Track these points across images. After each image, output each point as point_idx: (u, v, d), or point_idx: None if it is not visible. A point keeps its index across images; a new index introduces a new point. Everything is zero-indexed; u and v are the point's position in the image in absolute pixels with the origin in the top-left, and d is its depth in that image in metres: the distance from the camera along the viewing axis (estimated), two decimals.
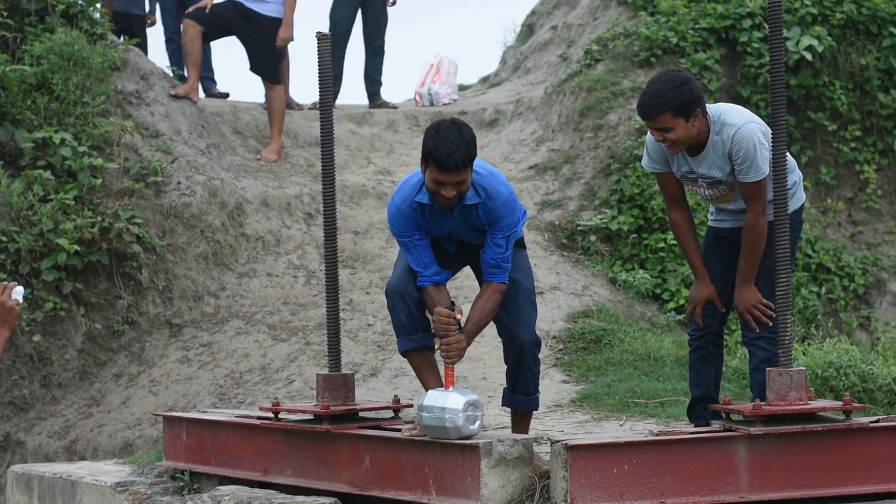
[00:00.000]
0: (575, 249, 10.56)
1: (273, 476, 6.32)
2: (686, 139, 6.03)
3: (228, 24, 11.46)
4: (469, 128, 5.86)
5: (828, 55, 11.73)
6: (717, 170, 6.11)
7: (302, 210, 10.79)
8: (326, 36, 6.33)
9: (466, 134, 5.79)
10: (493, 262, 5.97)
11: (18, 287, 4.68)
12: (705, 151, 6.10)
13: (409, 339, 6.09)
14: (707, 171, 6.13)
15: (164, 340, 9.79)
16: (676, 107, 5.94)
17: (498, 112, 12.60)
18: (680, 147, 6.07)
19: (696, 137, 6.05)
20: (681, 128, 5.98)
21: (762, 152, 5.98)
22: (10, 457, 9.28)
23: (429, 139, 5.79)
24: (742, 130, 6.01)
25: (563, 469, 5.42)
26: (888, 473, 5.64)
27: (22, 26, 10.66)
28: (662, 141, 6.04)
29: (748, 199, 6.08)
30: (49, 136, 9.93)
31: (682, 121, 5.97)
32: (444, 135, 5.75)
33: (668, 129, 5.98)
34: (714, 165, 6.11)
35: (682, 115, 5.96)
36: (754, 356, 6.23)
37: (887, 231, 11.84)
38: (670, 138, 6.00)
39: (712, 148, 6.08)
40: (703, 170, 6.13)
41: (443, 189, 5.81)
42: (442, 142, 5.73)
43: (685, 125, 5.98)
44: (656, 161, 6.27)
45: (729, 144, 6.02)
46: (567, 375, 8.67)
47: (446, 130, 5.77)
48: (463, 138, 5.75)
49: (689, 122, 5.98)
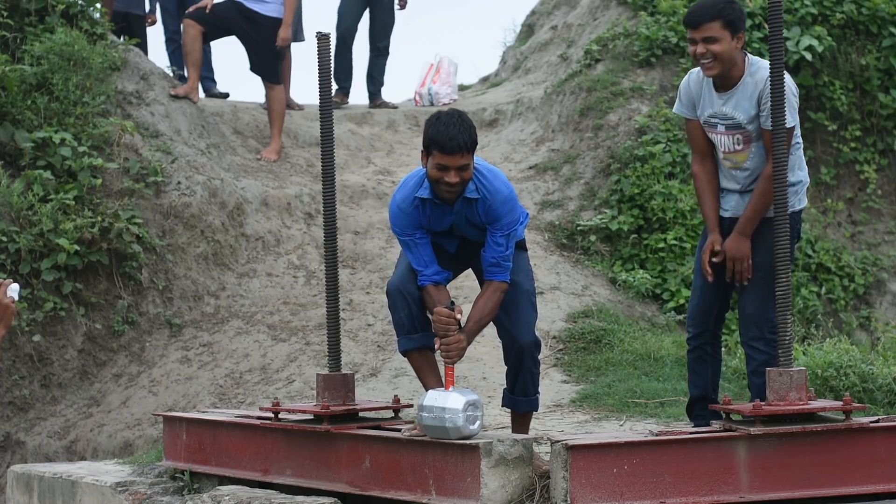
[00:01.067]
0: (575, 249, 10.56)
1: (273, 476, 6.32)
2: (727, 59, 6.02)
3: (228, 24, 11.46)
4: (468, 116, 5.92)
5: (828, 55, 11.73)
6: (741, 112, 6.08)
7: (302, 210, 10.79)
8: (326, 36, 6.33)
9: (467, 121, 5.87)
10: (494, 260, 5.97)
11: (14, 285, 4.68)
12: (735, 88, 6.08)
13: (409, 339, 6.09)
14: (731, 111, 6.10)
15: (164, 340, 9.79)
16: (728, 19, 5.96)
17: (498, 112, 12.60)
18: (717, 67, 6.04)
19: (732, 69, 6.03)
20: (725, 42, 5.99)
21: (792, 102, 5.97)
22: (10, 457, 9.28)
23: (430, 126, 5.85)
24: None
25: (563, 469, 5.42)
26: (888, 473, 5.64)
27: (22, 26, 10.67)
28: (704, 55, 6.01)
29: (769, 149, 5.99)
30: (49, 136, 9.93)
31: (729, 35, 5.97)
32: (445, 120, 5.82)
33: (713, 39, 5.99)
34: (740, 106, 6.08)
35: (729, 29, 5.97)
36: (752, 359, 6.21)
37: (887, 231, 11.84)
38: (714, 50, 5.99)
39: (742, 87, 6.06)
40: (728, 109, 6.10)
41: (446, 175, 5.82)
42: (444, 126, 5.80)
43: (730, 42, 5.98)
44: (686, 105, 6.28)
45: (761, 86, 6.01)
46: (567, 375, 8.67)
47: (447, 116, 5.85)
48: (464, 124, 5.83)
49: (734, 41, 5.98)
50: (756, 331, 6.17)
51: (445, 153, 5.79)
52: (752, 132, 6.09)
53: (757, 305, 6.16)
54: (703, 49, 6.03)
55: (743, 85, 6.07)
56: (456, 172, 5.83)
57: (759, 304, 6.15)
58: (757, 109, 6.04)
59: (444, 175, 5.83)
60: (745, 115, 6.08)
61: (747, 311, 6.23)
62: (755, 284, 6.17)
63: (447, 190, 5.87)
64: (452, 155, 5.78)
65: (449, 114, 5.87)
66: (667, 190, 10.49)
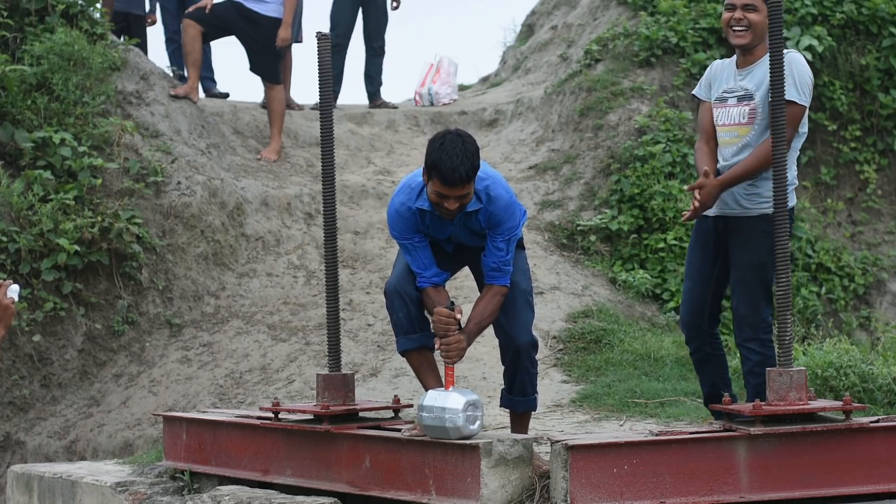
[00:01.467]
0: (575, 249, 10.56)
1: (273, 476, 6.32)
2: (759, 30, 6.11)
3: (228, 24, 11.46)
4: (472, 139, 5.81)
5: (828, 55, 11.73)
6: (755, 84, 6.12)
7: (302, 210, 10.79)
8: (326, 36, 6.33)
9: (470, 146, 5.74)
10: (495, 265, 5.96)
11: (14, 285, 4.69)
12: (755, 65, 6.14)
13: (408, 339, 6.08)
14: (747, 83, 6.15)
15: (164, 340, 9.79)
16: None
17: (498, 112, 12.60)
18: (749, 37, 6.13)
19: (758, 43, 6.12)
20: (763, 13, 6.07)
21: (808, 83, 6.06)
22: (10, 457, 9.28)
23: (433, 151, 5.73)
24: (796, 55, 6.11)
25: (563, 469, 5.42)
26: (888, 473, 5.64)
27: (22, 26, 10.66)
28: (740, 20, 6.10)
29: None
30: (49, 136, 9.93)
31: (766, 9, 6.00)
32: (448, 148, 5.70)
33: (753, 7, 6.09)
34: (755, 79, 6.13)
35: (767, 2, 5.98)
36: (747, 360, 6.19)
37: (887, 231, 11.84)
38: (751, 18, 6.09)
39: (762, 63, 6.10)
40: (745, 83, 6.16)
41: (446, 202, 5.80)
42: (447, 156, 5.69)
43: (764, 14, 6.04)
44: (704, 88, 6.36)
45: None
46: (567, 375, 8.67)
47: (451, 144, 5.72)
48: (467, 151, 5.71)
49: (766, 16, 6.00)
50: (750, 331, 6.15)
51: (447, 185, 5.74)
52: (759, 105, 6.10)
53: (749, 306, 6.14)
54: (740, 15, 6.14)
55: (763, 61, 6.12)
56: (456, 200, 5.80)
57: (751, 305, 6.13)
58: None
59: (444, 202, 5.81)
60: (758, 86, 6.13)
61: (740, 312, 6.21)
62: (746, 284, 6.14)
63: (447, 213, 5.87)
64: (454, 187, 5.74)
65: (453, 140, 5.74)
66: (667, 190, 10.49)
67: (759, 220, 6.11)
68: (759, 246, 6.05)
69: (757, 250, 6.05)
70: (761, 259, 6.04)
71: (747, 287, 6.13)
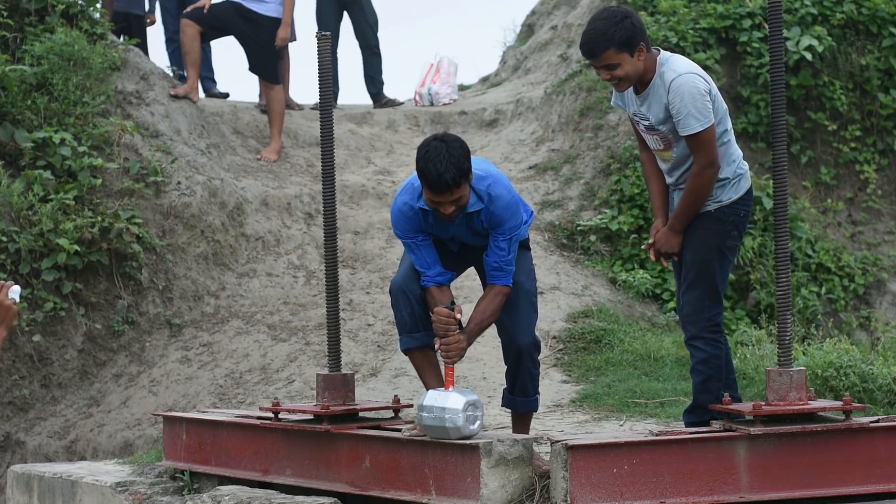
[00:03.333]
0: (575, 249, 10.56)
1: (273, 476, 6.32)
2: (633, 74, 5.92)
3: (227, 24, 11.45)
4: (459, 142, 5.76)
5: (828, 55, 11.73)
6: (653, 115, 5.98)
7: (302, 210, 10.79)
8: (326, 36, 6.34)
9: (456, 150, 5.69)
10: (496, 265, 5.96)
11: (16, 286, 4.69)
12: (648, 90, 5.97)
13: (411, 338, 6.08)
14: (647, 112, 6.01)
15: (164, 340, 9.79)
16: (620, 41, 5.83)
17: (498, 112, 12.60)
18: (627, 84, 5.95)
19: (644, 74, 5.94)
20: (627, 63, 5.88)
21: (699, 104, 5.84)
22: (10, 457, 9.28)
23: (419, 160, 5.72)
24: (679, 80, 5.87)
25: (563, 469, 5.42)
26: (888, 473, 5.64)
27: (22, 26, 10.67)
28: (610, 79, 5.94)
29: (692, 151, 5.92)
30: (49, 136, 9.93)
31: (628, 56, 5.87)
32: (432, 155, 5.67)
33: (614, 65, 5.88)
34: (652, 110, 5.98)
35: (626, 49, 5.85)
36: (692, 357, 6.08)
37: (887, 231, 11.84)
38: (618, 75, 5.90)
39: (654, 89, 5.95)
40: (644, 110, 6.01)
41: (440, 207, 5.79)
42: (431, 163, 5.66)
43: (631, 60, 5.88)
44: (619, 98, 6.18)
45: (666, 95, 5.90)
46: (567, 375, 8.67)
47: (435, 151, 5.68)
48: (452, 156, 5.67)
49: (635, 57, 5.88)
50: (693, 329, 6.03)
51: (435, 192, 5.72)
52: (667, 134, 6.02)
53: (693, 304, 6.02)
54: (606, 75, 5.96)
55: (654, 87, 5.96)
56: (450, 204, 5.78)
57: (694, 303, 6.01)
58: (666, 114, 5.95)
59: (439, 207, 5.80)
60: (656, 118, 5.99)
61: (684, 312, 6.10)
62: (689, 283, 6.04)
63: (444, 217, 5.86)
64: (442, 194, 5.73)
65: (437, 147, 5.70)
66: None
67: (702, 217, 6.03)
68: (700, 244, 5.98)
69: (698, 249, 5.99)
70: (703, 257, 5.97)
71: (690, 286, 6.04)
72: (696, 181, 5.92)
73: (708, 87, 5.92)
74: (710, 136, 5.89)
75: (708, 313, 5.99)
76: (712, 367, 5.96)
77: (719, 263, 5.99)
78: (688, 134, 5.87)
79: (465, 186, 5.77)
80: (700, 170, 5.90)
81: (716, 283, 6.00)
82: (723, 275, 6.03)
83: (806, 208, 11.42)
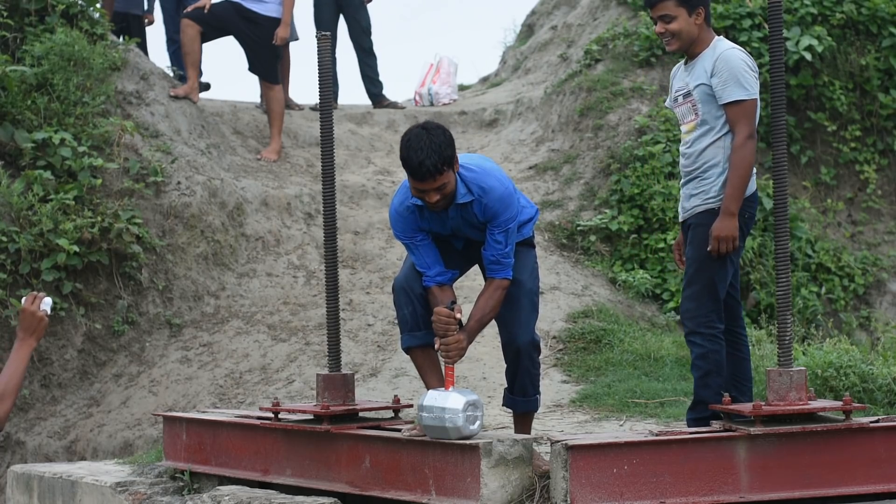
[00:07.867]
0: (575, 249, 10.56)
1: (273, 476, 6.32)
2: (686, 36, 6.10)
3: (227, 24, 11.45)
4: (441, 130, 5.76)
5: (828, 55, 11.73)
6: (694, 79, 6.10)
7: (302, 210, 10.79)
8: (326, 36, 6.34)
9: (437, 138, 5.70)
10: (494, 258, 5.95)
11: (47, 298, 4.77)
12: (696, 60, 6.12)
13: (412, 336, 6.08)
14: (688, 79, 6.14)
15: (164, 340, 9.79)
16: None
17: (498, 112, 12.60)
18: (677, 44, 6.12)
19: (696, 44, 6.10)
20: (683, 20, 6.06)
21: (747, 75, 6.00)
22: (10, 457, 9.28)
23: (401, 149, 5.73)
24: (731, 51, 6.06)
25: (563, 469, 5.42)
26: (888, 473, 5.64)
27: (22, 26, 10.67)
28: (663, 34, 6.12)
29: (732, 123, 6.02)
30: (49, 137, 9.93)
31: (685, 13, 6.04)
32: (413, 143, 5.68)
33: (670, 17, 6.07)
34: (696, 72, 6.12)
35: (685, 5, 6.02)
36: (691, 353, 6.14)
37: (887, 231, 11.84)
38: (672, 29, 6.09)
39: (702, 58, 6.11)
40: (689, 78, 6.15)
41: (426, 196, 5.79)
42: (413, 151, 5.67)
43: (688, 19, 6.06)
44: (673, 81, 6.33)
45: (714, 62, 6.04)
46: (567, 375, 8.67)
47: (416, 138, 5.70)
48: (433, 143, 5.67)
49: (692, 18, 6.04)
50: (692, 325, 6.07)
51: (417, 180, 5.73)
52: (698, 100, 6.09)
53: (692, 300, 6.06)
54: (661, 28, 6.14)
55: (703, 56, 6.13)
56: (434, 192, 5.78)
57: (693, 299, 6.06)
58: (707, 76, 6.07)
59: (424, 196, 5.80)
60: (696, 80, 6.12)
61: (683, 308, 6.16)
62: (689, 279, 6.10)
63: (431, 206, 5.86)
64: (424, 181, 5.73)
65: (418, 135, 5.71)
66: (667, 190, 10.49)
67: (701, 215, 6.09)
68: (700, 241, 6.03)
69: (698, 246, 6.03)
70: (702, 254, 6.02)
71: (690, 281, 6.10)
72: (739, 153, 6.00)
73: (757, 72, 6.09)
74: (752, 108, 6.02)
75: (705, 309, 6.01)
76: (711, 362, 5.97)
77: (720, 262, 6.00)
78: (730, 100, 5.99)
79: (448, 174, 5.76)
80: (742, 140, 5.99)
81: (714, 281, 6.02)
82: (723, 274, 6.04)
83: (806, 208, 11.42)
